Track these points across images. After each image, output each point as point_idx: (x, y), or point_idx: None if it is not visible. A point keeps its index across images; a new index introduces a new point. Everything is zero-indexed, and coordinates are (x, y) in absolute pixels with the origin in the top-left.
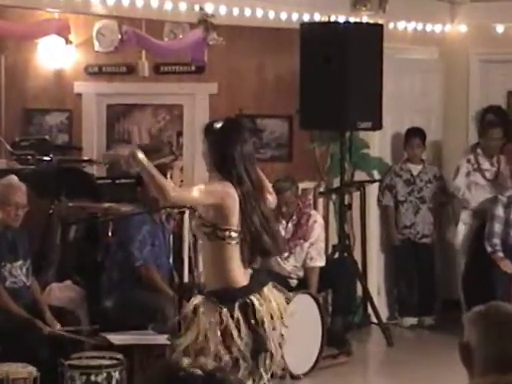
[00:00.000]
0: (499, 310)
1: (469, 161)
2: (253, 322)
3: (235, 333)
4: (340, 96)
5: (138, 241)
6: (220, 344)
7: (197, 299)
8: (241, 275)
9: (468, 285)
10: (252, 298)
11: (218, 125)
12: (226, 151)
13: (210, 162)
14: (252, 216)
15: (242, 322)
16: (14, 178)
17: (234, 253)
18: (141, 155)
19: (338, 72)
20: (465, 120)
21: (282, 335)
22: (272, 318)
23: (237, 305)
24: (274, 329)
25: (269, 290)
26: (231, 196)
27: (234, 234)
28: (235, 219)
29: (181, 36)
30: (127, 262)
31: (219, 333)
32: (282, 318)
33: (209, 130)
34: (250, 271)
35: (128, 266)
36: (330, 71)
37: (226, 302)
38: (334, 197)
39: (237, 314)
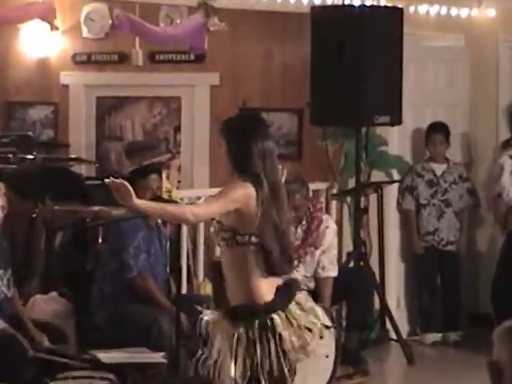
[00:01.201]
0: None
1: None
2: (273, 341)
3: (248, 353)
4: (355, 88)
5: (132, 248)
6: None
7: (209, 317)
8: (265, 287)
9: (498, 295)
10: (274, 316)
11: (235, 120)
12: (242, 148)
13: (229, 162)
14: (265, 225)
15: (257, 342)
16: None
17: (257, 260)
18: (141, 204)
19: (353, 61)
20: (494, 113)
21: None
22: (295, 336)
23: (256, 323)
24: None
25: (296, 304)
26: (253, 198)
27: (254, 240)
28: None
29: (178, 21)
30: (120, 272)
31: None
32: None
33: (225, 127)
34: (277, 280)
35: (121, 276)
36: (345, 60)
37: (244, 319)
38: (348, 199)
39: (254, 334)
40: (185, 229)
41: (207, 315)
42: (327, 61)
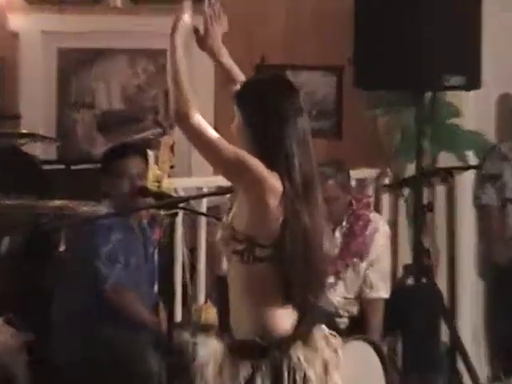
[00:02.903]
0: None
1: None
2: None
3: None
4: (415, 38)
5: (104, 253)
6: None
7: (214, 348)
8: (283, 315)
9: None
10: (291, 352)
11: (258, 84)
12: (269, 125)
13: (246, 142)
14: (289, 234)
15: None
16: None
17: (277, 281)
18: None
19: (412, 2)
20: None
21: None
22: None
23: (267, 362)
24: None
25: (320, 336)
26: (276, 194)
27: (276, 253)
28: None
29: None
30: (90, 287)
31: None
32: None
33: (244, 94)
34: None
35: (91, 292)
36: (400, 0)
37: (253, 356)
38: (406, 192)
39: (263, 372)
40: (179, 233)
41: (207, 345)
42: (376, 2)
